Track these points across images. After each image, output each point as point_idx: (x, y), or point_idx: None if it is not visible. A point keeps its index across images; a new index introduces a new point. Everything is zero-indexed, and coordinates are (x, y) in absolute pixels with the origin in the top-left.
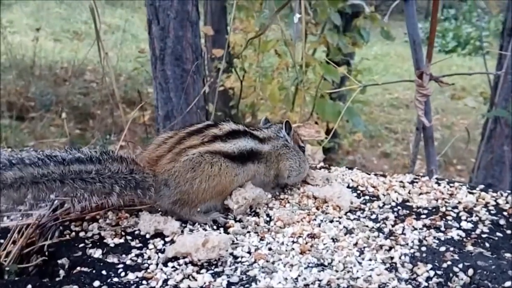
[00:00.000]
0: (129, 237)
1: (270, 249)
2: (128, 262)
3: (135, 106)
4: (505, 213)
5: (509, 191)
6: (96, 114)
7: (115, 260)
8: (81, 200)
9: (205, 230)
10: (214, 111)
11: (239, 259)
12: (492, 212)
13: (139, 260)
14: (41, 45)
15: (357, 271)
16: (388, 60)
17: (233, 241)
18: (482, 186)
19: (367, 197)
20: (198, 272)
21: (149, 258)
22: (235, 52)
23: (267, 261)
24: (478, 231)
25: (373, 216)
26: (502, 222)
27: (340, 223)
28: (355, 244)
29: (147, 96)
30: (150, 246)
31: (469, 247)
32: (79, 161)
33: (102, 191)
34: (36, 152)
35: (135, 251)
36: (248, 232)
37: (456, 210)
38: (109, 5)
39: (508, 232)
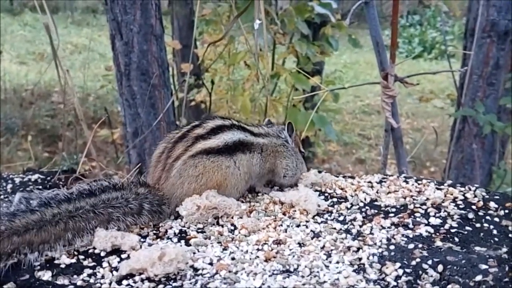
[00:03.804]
0: (81, 256)
1: (233, 258)
2: (79, 283)
3: (105, 126)
4: (473, 207)
5: (477, 185)
6: (64, 136)
7: (66, 282)
8: (117, 223)
9: (165, 243)
10: (187, 125)
11: (199, 271)
12: (460, 206)
13: (92, 280)
14: (5, 69)
15: (324, 275)
16: (358, 68)
17: (194, 252)
18: (450, 182)
19: (334, 199)
20: None
21: (102, 277)
22: (205, 65)
23: (229, 271)
24: (447, 226)
25: (341, 218)
26: (471, 216)
27: (307, 227)
28: (322, 248)
29: (117, 115)
30: (104, 264)
31: (438, 243)
32: (104, 190)
33: (132, 212)
34: (65, 190)
35: (87, 271)
36: (211, 242)
37: (424, 207)
38: (75, 24)
39: (478, 225)
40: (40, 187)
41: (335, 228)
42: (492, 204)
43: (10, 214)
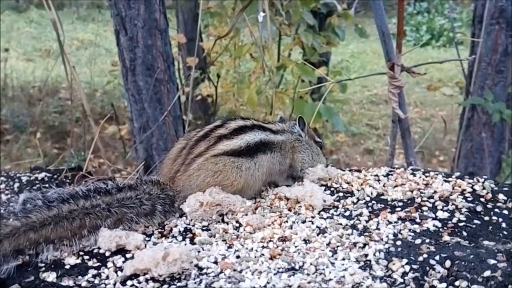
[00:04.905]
0: (86, 257)
1: (238, 256)
2: (84, 283)
3: (113, 121)
4: (482, 199)
5: (485, 177)
6: (73, 132)
7: (71, 283)
8: (130, 223)
9: (170, 242)
10: (193, 119)
11: (204, 271)
12: (468, 199)
13: (96, 281)
14: (12, 66)
15: (330, 273)
16: (365, 58)
17: (199, 251)
18: (458, 174)
19: (341, 194)
20: None
21: (107, 277)
22: (210, 58)
23: (234, 270)
24: (454, 220)
25: (347, 213)
26: (479, 208)
27: (312, 223)
28: (328, 244)
29: (125, 110)
30: (109, 264)
31: (446, 237)
32: (120, 189)
33: (145, 212)
34: (83, 187)
35: (92, 271)
36: (216, 240)
37: (431, 200)
38: (81, 20)
39: (486, 218)
40: (47, 185)
41: (341, 224)
42: (501, 196)
43: (27, 210)
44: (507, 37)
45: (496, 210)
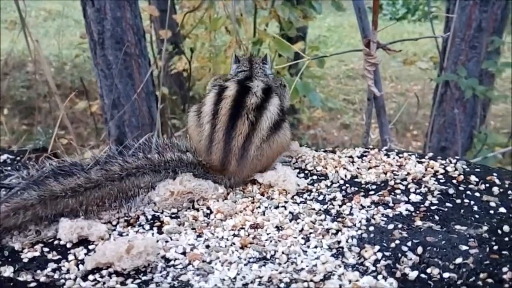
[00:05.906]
0: (46, 249)
1: (207, 246)
2: (43, 279)
3: (84, 96)
4: (454, 181)
5: (457, 157)
6: (41, 107)
7: (29, 278)
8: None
9: (136, 231)
10: (169, 94)
11: (171, 262)
12: (441, 181)
13: (56, 275)
14: None
15: (302, 262)
16: (342, 31)
17: (166, 241)
18: (431, 154)
19: (315, 177)
20: (122, 283)
21: (67, 271)
22: (185, 32)
23: (203, 261)
24: (427, 203)
25: (321, 198)
26: (451, 191)
27: (285, 208)
28: (301, 231)
29: (96, 84)
30: (70, 257)
31: (418, 222)
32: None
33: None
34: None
35: (52, 265)
36: (185, 229)
37: (405, 183)
38: None
39: (458, 201)
40: (9, 168)
41: (314, 209)
42: (473, 178)
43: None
44: (481, 12)
45: (468, 192)
